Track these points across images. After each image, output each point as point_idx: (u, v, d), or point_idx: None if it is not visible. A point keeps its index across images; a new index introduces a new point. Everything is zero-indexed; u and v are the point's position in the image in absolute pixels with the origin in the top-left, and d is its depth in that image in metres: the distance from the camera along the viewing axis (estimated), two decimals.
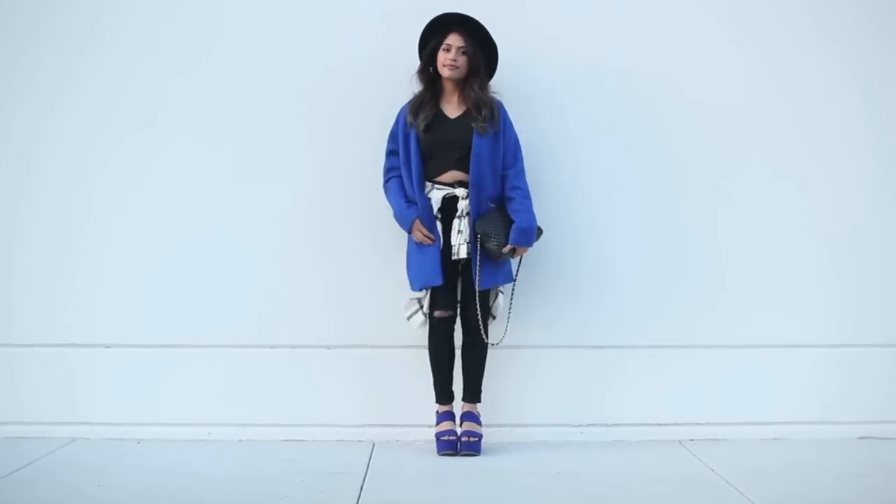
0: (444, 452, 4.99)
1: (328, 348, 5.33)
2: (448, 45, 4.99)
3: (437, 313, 5.03)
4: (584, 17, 5.36)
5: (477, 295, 4.98)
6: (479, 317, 4.98)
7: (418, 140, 5.01)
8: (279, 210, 5.34)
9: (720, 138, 5.39)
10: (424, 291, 5.04)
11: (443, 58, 5.00)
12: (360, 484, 4.55)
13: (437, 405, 5.09)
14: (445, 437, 5.01)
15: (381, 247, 5.29)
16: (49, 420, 5.29)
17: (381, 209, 5.22)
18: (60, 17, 5.34)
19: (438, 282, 4.97)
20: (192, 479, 4.62)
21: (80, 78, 5.34)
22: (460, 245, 4.98)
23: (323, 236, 5.34)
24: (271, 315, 5.32)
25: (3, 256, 5.35)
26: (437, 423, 5.06)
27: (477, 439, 5.02)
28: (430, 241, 4.99)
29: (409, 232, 5.02)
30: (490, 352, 5.09)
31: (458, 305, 5.11)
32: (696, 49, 5.39)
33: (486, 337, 5.03)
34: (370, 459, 4.92)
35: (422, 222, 4.99)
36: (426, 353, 5.08)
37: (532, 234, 5.03)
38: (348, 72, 5.33)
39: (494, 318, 5.11)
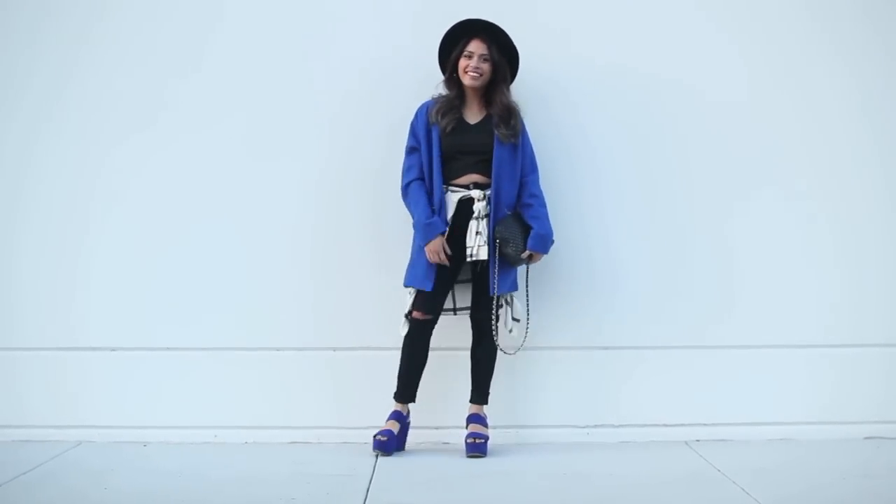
0: (374, 451, 4.99)
1: (334, 350, 5.33)
2: (470, 52, 4.98)
3: (415, 314, 5.03)
4: (599, 19, 5.37)
5: (495, 299, 5.01)
6: (494, 321, 5.02)
7: (440, 141, 5.01)
8: (285, 212, 5.34)
9: (732, 143, 5.39)
10: (412, 290, 5.04)
11: (464, 64, 4.99)
12: (367, 486, 4.54)
13: (394, 402, 5.08)
14: (379, 437, 4.98)
15: (387, 249, 5.29)
16: (54, 424, 5.29)
17: (387, 212, 5.24)
18: (60, 17, 5.34)
19: (428, 287, 4.98)
20: (198, 482, 4.61)
21: (80, 80, 5.34)
22: (479, 246, 4.97)
23: (328, 239, 5.34)
24: (277, 318, 5.32)
25: (7, 260, 5.35)
26: (386, 420, 5.05)
27: (483, 441, 5.02)
28: (442, 261, 4.96)
29: (426, 243, 4.96)
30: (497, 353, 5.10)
31: (464, 310, 5.14)
32: (708, 54, 5.38)
33: (496, 341, 5.05)
34: (376, 461, 4.92)
35: (444, 240, 4.97)
36: (432, 354, 5.08)
37: (549, 240, 5.05)
38: (357, 75, 5.33)
39: (518, 321, 5.12)
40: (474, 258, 4.97)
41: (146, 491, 4.49)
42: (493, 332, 5.04)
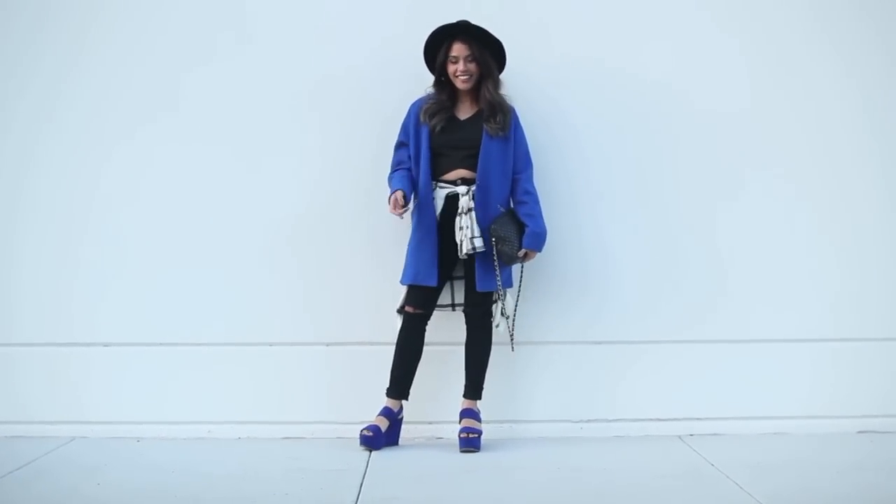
0: (361, 446, 4.98)
1: (327, 345, 5.32)
2: (454, 56, 4.98)
3: (407, 308, 5.04)
4: (594, 19, 5.36)
5: (502, 293, 5.02)
6: (504, 316, 5.06)
7: (430, 138, 5.02)
8: (278, 209, 5.33)
9: (723, 138, 5.39)
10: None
11: (452, 69, 5.00)
12: (360, 481, 4.54)
13: (386, 398, 5.06)
14: (365, 432, 4.96)
15: (381, 244, 5.29)
16: (49, 419, 5.28)
17: (380, 208, 5.22)
18: (62, 15, 5.33)
19: (433, 283, 4.98)
20: (191, 478, 4.61)
21: (80, 78, 5.33)
22: (462, 241, 4.96)
23: (321, 235, 5.33)
24: (270, 313, 5.32)
25: (3, 256, 5.34)
26: (376, 416, 5.03)
27: (476, 436, 5.01)
28: (398, 209, 4.92)
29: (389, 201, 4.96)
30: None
31: (462, 306, 5.13)
32: (698, 51, 5.38)
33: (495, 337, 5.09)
34: (370, 456, 4.92)
35: (403, 195, 4.95)
36: (427, 349, 5.07)
37: (543, 238, 5.06)
38: (351, 73, 5.32)
39: (508, 317, 5.10)
40: (467, 252, 4.95)
41: (139, 486, 4.48)
42: (495, 326, 5.09)
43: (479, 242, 4.97)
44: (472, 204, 4.98)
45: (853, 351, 5.38)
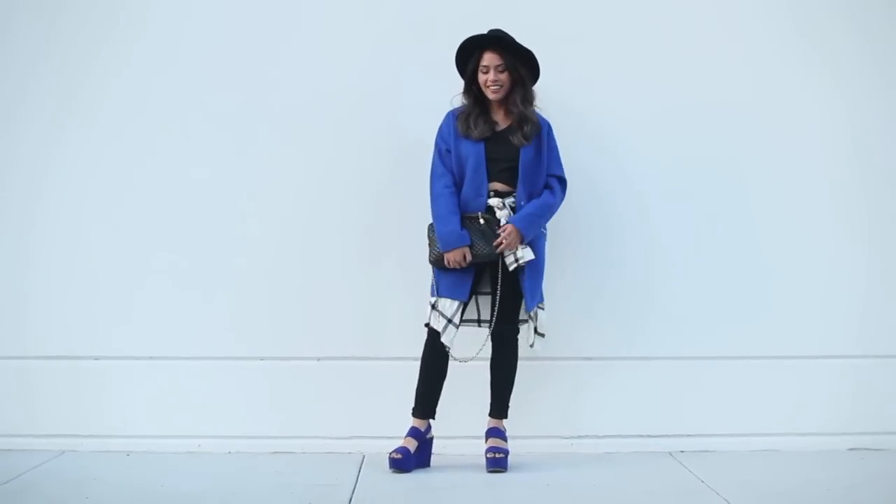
0: (391, 469, 4.87)
1: (318, 360, 5.31)
2: (485, 66, 4.92)
3: (433, 325, 4.96)
4: (610, 24, 5.41)
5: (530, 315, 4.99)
6: (534, 331, 5.00)
7: (473, 153, 4.90)
8: (272, 223, 5.33)
9: (726, 145, 5.41)
10: (436, 299, 4.91)
11: (483, 79, 4.93)
12: (349, 496, 4.53)
13: (413, 417, 4.97)
14: (394, 454, 4.85)
15: (374, 259, 5.30)
16: (38, 433, 5.26)
17: (375, 222, 5.25)
18: (77, 20, 5.33)
19: (464, 298, 4.90)
20: (180, 492, 4.59)
21: (92, 86, 5.32)
22: (506, 255, 4.89)
23: (314, 249, 5.33)
24: (261, 327, 5.31)
25: None
26: (403, 437, 4.95)
27: (504, 455, 4.92)
28: (462, 266, 4.87)
29: (446, 251, 4.83)
30: (477, 365, 5.05)
31: (489, 322, 5.02)
32: (723, 55, 5.41)
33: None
34: (360, 471, 4.91)
35: (470, 250, 4.87)
36: (416, 364, 5.02)
37: (521, 224, 4.88)
38: (350, 84, 5.34)
39: (543, 335, 5.05)
40: (513, 265, 4.86)
41: (128, 501, 4.48)
42: (529, 346, 5.02)
43: (528, 253, 4.86)
44: (510, 218, 4.89)
45: (844, 368, 5.38)
